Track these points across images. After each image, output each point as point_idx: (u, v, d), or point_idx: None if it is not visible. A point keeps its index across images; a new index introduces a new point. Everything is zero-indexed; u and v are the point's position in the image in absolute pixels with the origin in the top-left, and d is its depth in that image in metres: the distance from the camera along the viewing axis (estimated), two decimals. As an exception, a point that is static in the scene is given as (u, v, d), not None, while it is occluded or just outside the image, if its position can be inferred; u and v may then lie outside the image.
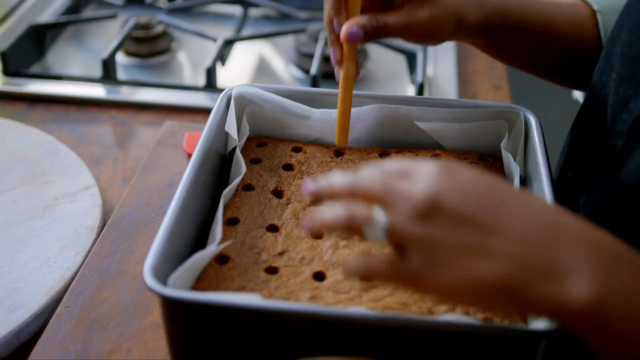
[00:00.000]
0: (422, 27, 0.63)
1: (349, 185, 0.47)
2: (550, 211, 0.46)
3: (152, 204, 0.76)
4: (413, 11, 0.63)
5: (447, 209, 0.44)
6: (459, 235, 0.44)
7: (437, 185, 0.44)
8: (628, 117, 0.56)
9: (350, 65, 0.64)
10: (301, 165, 0.68)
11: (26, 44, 1.06)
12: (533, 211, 0.45)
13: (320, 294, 0.55)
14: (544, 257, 0.43)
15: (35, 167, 0.82)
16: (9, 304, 0.65)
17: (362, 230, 0.45)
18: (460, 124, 0.70)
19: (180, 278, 0.54)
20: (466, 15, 0.65)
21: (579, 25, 0.70)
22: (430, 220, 0.44)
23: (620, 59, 0.59)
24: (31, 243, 0.72)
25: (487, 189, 0.45)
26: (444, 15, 0.63)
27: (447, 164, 0.46)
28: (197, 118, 0.94)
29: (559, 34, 0.70)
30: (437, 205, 0.44)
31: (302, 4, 1.21)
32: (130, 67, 1.09)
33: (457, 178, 0.45)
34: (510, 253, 0.43)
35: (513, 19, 0.67)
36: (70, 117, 0.95)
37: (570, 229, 0.44)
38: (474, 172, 0.46)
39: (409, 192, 0.45)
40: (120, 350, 0.60)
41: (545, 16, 0.69)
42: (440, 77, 1.04)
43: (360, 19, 0.62)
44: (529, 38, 0.69)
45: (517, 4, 0.68)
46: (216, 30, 1.14)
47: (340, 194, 0.48)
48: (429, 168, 0.46)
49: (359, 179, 0.47)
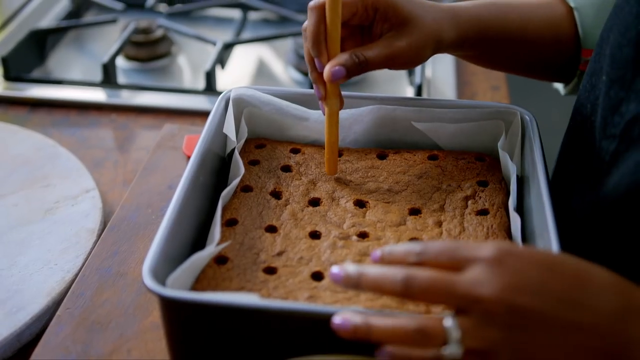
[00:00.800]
0: (402, 57, 0.64)
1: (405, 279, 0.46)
2: (615, 289, 0.46)
3: (152, 206, 0.77)
4: (391, 42, 0.63)
5: (519, 309, 0.44)
6: (538, 336, 0.44)
7: (502, 283, 0.44)
8: (620, 120, 0.56)
9: (335, 101, 0.65)
10: (299, 167, 0.69)
11: (27, 49, 1.07)
12: (598, 295, 0.45)
13: (319, 294, 0.56)
14: (620, 340, 0.45)
15: (37, 171, 0.83)
16: (10, 305, 0.65)
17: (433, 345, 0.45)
18: (458, 124, 0.70)
19: (179, 279, 0.54)
20: (443, 36, 0.65)
21: (556, 25, 0.70)
22: (504, 324, 0.44)
23: (610, 62, 0.58)
24: (32, 245, 0.72)
25: (550, 277, 0.45)
26: (422, 42, 0.64)
27: (497, 251, 0.46)
28: (196, 121, 0.95)
29: (535, 35, 0.70)
30: (507, 308, 0.44)
31: (300, 7, 1.22)
32: (130, 71, 1.10)
33: (517, 268, 0.45)
34: (593, 347, 0.44)
35: (490, 29, 0.68)
36: (70, 121, 0.96)
37: (635, 303, 0.46)
38: (529, 256, 0.46)
39: (475, 293, 0.44)
40: (120, 350, 0.61)
41: (521, 21, 0.69)
42: (439, 79, 1.05)
43: (342, 58, 0.62)
44: (506, 44, 0.70)
45: (492, 13, 0.68)
46: (215, 33, 1.14)
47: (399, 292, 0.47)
48: (483, 260, 0.45)
49: (415, 278, 0.46)
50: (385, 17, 0.63)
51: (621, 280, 0.47)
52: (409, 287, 0.46)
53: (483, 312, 0.44)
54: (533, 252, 0.47)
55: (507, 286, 0.44)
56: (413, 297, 0.47)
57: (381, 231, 0.62)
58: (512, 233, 0.62)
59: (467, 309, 0.45)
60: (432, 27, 0.64)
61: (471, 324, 0.45)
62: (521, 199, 0.65)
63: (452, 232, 0.62)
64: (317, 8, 0.62)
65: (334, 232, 0.62)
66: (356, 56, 0.62)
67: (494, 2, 0.69)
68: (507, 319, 0.44)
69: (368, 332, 0.47)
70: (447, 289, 0.45)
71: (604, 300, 0.45)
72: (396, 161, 0.70)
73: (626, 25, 0.57)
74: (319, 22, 0.62)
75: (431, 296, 0.46)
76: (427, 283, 0.46)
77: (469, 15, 0.67)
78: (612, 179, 0.56)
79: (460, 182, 0.67)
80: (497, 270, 0.45)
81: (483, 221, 0.63)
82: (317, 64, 0.63)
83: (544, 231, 0.57)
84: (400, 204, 0.65)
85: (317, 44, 0.62)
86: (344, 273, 0.48)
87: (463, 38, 0.67)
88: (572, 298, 0.45)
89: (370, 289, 0.48)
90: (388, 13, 0.63)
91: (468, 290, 0.45)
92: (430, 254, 0.47)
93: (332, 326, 0.47)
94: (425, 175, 0.68)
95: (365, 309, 0.53)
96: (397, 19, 0.63)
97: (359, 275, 0.48)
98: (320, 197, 0.66)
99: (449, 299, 0.45)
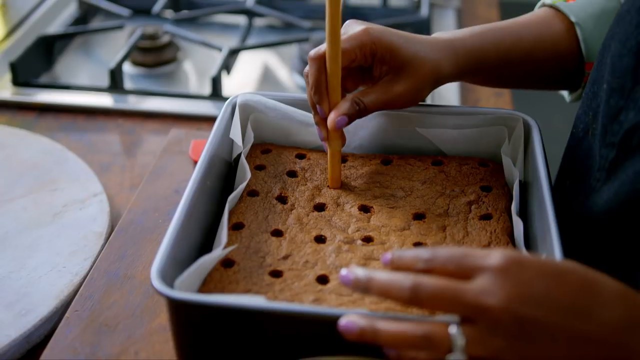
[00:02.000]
0: (400, 100, 0.66)
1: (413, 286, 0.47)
2: (620, 299, 0.47)
3: (159, 210, 0.78)
4: (389, 87, 0.65)
5: (525, 319, 0.45)
6: (543, 346, 0.45)
7: (508, 293, 0.45)
8: (619, 128, 0.57)
9: (337, 142, 0.67)
10: (305, 172, 0.70)
11: (35, 55, 1.08)
12: (604, 305, 0.46)
13: (324, 297, 0.56)
14: (625, 351, 0.45)
15: (45, 175, 0.84)
16: (19, 308, 0.66)
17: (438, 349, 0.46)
18: (461, 130, 0.71)
19: (187, 281, 0.55)
20: (442, 72, 0.66)
21: (555, 41, 0.70)
22: (509, 334, 0.45)
23: (611, 70, 0.59)
24: (41, 249, 0.73)
25: (557, 286, 0.46)
26: (420, 83, 0.65)
27: (504, 260, 0.46)
28: (202, 126, 0.96)
29: (535, 55, 0.70)
30: (513, 318, 0.45)
31: (305, 14, 1.23)
32: (137, 76, 1.11)
33: (524, 278, 0.46)
34: (598, 357, 0.45)
35: (488, 58, 0.69)
36: (78, 126, 0.97)
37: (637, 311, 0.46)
38: (536, 266, 0.47)
39: (481, 303, 0.45)
40: (128, 352, 0.62)
41: (519, 42, 0.69)
42: (443, 85, 1.05)
43: (344, 107, 0.64)
44: (506, 68, 0.70)
45: (488, 41, 0.69)
46: (221, 40, 1.16)
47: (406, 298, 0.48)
48: (491, 270, 0.46)
49: (423, 286, 0.47)
50: (383, 61, 0.65)
51: (627, 290, 0.47)
52: (416, 295, 0.47)
53: (489, 321, 0.45)
54: (540, 261, 0.48)
55: (514, 296, 0.45)
56: (420, 304, 0.47)
57: (385, 235, 0.63)
58: (515, 237, 0.62)
59: (474, 318, 0.46)
60: (430, 65, 0.65)
61: (477, 332, 0.45)
62: (524, 203, 0.66)
63: (456, 236, 0.63)
64: (317, 58, 0.63)
65: (339, 236, 0.62)
66: (357, 104, 0.64)
67: (490, 28, 0.70)
68: (513, 329, 0.45)
69: (374, 336, 0.47)
70: (454, 298, 0.46)
71: (610, 310, 0.45)
72: (400, 167, 0.70)
73: (627, 35, 0.58)
74: (320, 71, 0.64)
75: (438, 304, 0.47)
76: (434, 291, 0.46)
77: (465, 48, 0.68)
78: (611, 186, 0.57)
79: (463, 187, 0.68)
80: (504, 280, 0.45)
81: (486, 226, 0.64)
82: (320, 111, 0.65)
83: (546, 235, 0.57)
84: (404, 209, 0.66)
85: (319, 93, 0.64)
86: (354, 276, 0.49)
87: (462, 70, 0.68)
88: (578, 308, 0.45)
89: (378, 293, 0.48)
90: (385, 57, 0.64)
91: (475, 300, 0.45)
92: (438, 262, 0.48)
93: (339, 328, 0.48)
94: (429, 181, 0.69)
95: (370, 312, 0.54)
96: (395, 62, 0.64)
97: (367, 280, 0.49)
98: (326, 202, 0.66)
99: (455, 307, 0.46)
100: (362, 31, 0.64)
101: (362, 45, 0.64)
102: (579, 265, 0.48)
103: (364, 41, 0.64)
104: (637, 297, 0.47)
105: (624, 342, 0.45)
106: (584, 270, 0.47)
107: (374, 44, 0.64)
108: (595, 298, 0.46)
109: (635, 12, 0.57)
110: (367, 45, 0.64)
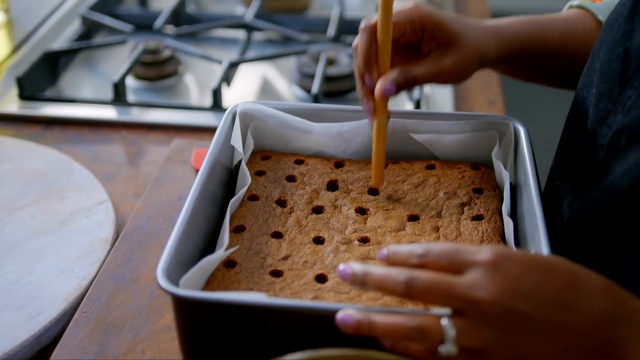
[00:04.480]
0: (448, 74, 0.67)
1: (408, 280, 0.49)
2: (604, 293, 0.48)
3: (162, 216, 0.80)
4: (438, 60, 0.67)
5: (513, 312, 0.46)
6: (530, 337, 0.47)
7: (498, 287, 0.47)
8: (607, 131, 0.59)
9: (383, 116, 0.68)
10: (303, 177, 0.72)
11: (41, 70, 1.10)
12: (589, 298, 0.47)
13: (323, 294, 0.58)
14: (608, 341, 0.47)
15: (52, 184, 0.86)
16: (29, 310, 0.69)
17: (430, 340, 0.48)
18: (454, 135, 0.73)
19: (191, 280, 0.57)
20: (487, 53, 0.69)
21: (589, 38, 0.72)
22: (498, 325, 0.47)
23: (600, 76, 0.61)
24: (49, 254, 0.76)
25: (544, 280, 0.47)
26: (468, 59, 0.67)
27: (494, 255, 0.48)
28: (204, 136, 0.98)
29: (573, 50, 0.73)
30: (503, 311, 0.46)
31: (303, 28, 1.26)
32: (139, 89, 1.13)
33: (513, 272, 0.47)
34: (583, 348, 0.47)
35: (530, 46, 0.71)
36: (83, 138, 0.99)
37: (623, 306, 0.48)
38: (524, 261, 0.48)
39: (472, 296, 0.47)
40: (134, 351, 0.64)
41: (559, 36, 0.72)
42: (437, 94, 1.08)
43: (392, 74, 0.66)
44: (544, 59, 0.73)
45: (531, 30, 0.72)
46: (221, 53, 1.18)
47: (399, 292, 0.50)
48: (481, 264, 0.48)
49: (417, 279, 0.49)
50: (432, 37, 0.67)
51: (610, 284, 0.49)
52: (410, 288, 0.49)
53: (479, 313, 0.47)
54: (528, 256, 0.50)
55: (503, 290, 0.47)
56: (414, 298, 0.49)
57: (381, 236, 0.65)
58: (506, 237, 0.64)
59: (465, 311, 0.48)
60: (477, 45, 0.67)
61: (467, 324, 0.47)
62: (514, 205, 0.68)
63: (449, 236, 0.65)
64: (368, 28, 0.66)
65: (337, 237, 0.65)
66: (405, 74, 0.66)
67: (532, 20, 0.73)
68: (502, 321, 0.47)
69: (370, 328, 0.49)
70: (446, 291, 0.48)
71: (594, 304, 0.47)
72: (395, 171, 0.73)
73: (615, 42, 0.60)
74: (370, 41, 0.65)
75: (431, 297, 0.49)
76: (427, 285, 0.48)
77: (511, 32, 0.70)
78: (600, 187, 0.59)
79: (456, 189, 0.70)
80: (494, 274, 0.47)
81: (478, 226, 0.66)
82: (368, 81, 0.67)
83: (535, 235, 0.59)
84: (399, 211, 0.68)
85: (368, 62, 0.66)
86: (351, 271, 0.51)
87: (505, 54, 0.70)
88: (564, 301, 0.47)
89: (374, 287, 0.50)
90: (435, 33, 0.66)
91: (466, 293, 0.47)
92: (432, 257, 0.50)
93: (336, 322, 0.50)
94: (423, 184, 0.71)
95: (367, 307, 0.56)
96: (444, 38, 0.67)
97: (364, 274, 0.51)
98: (324, 205, 0.69)
99: (447, 300, 0.48)
100: (413, 7, 0.66)
101: (412, 20, 0.66)
102: (564, 260, 0.49)
103: (414, 16, 0.66)
104: (620, 291, 0.49)
105: (607, 334, 0.47)
106: (570, 265, 0.49)
107: (424, 20, 0.66)
108: (580, 292, 0.48)
109: (623, 20, 0.59)
110: (417, 20, 0.66)
